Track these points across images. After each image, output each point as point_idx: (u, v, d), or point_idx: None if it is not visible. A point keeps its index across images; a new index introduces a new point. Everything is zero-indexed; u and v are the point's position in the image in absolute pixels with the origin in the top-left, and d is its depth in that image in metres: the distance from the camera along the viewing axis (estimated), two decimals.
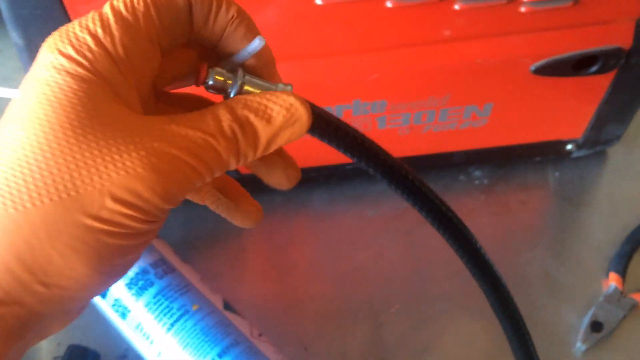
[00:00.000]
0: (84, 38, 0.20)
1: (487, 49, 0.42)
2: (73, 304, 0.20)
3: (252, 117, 0.22)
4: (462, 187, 0.56)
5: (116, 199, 0.18)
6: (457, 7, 0.39)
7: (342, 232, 0.55)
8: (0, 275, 0.18)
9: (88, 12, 0.22)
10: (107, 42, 0.20)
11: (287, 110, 0.22)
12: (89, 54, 0.20)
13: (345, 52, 0.42)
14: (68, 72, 0.19)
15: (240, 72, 0.24)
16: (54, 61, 0.20)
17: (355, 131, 0.25)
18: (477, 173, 0.57)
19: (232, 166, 0.22)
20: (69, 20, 0.39)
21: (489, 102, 0.46)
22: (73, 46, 0.20)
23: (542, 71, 0.43)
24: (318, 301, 0.51)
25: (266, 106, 0.22)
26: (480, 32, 0.41)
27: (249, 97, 0.23)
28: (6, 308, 0.18)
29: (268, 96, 0.23)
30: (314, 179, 0.56)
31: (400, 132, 0.49)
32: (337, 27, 0.41)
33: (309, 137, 0.24)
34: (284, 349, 0.46)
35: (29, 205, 0.17)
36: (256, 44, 0.24)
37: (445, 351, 0.48)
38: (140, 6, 0.21)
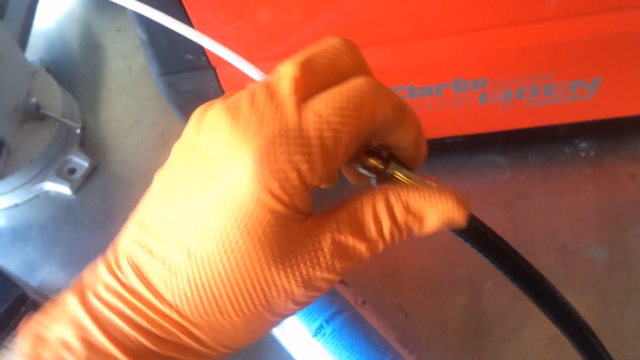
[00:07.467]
0: (291, 177, 0.21)
1: (595, 25, 0.40)
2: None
3: (410, 220, 0.24)
4: (567, 159, 0.54)
5: (296, 303, 0.24)
6: None
7: None
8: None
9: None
10: (310, 179, 0.22)
11: (445, 222, 0.24)
12: (291, 191, 0.21)
13: (445, 34, 0.42)
14: (270, 210, 0.21)
15: (393, 164, 0.26)
16: (260, 196, 0.21)
17: (507, 246, 0.26)
18: (583, 145, 0.55)
19: None
20: (185, 13, 0.42)
21: (597, 76, 0.45)
22: (281, 185, 0.21)
23: None
24: (418, 272, 0.52)
25: (426, 211, 0.23)
26: (586, 10, 0.39)
27: (412, 198, 0.23)
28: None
29: (432, 201, 0.23)
30: None
31: (502, 108, 0.48)
32: (436, 10, 0.40)
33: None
34: (386, 316, 0.47)
35: (233, 316, 0.23)
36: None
37: (545, 325, 0.47)
38: (345, 138, 0.22)
